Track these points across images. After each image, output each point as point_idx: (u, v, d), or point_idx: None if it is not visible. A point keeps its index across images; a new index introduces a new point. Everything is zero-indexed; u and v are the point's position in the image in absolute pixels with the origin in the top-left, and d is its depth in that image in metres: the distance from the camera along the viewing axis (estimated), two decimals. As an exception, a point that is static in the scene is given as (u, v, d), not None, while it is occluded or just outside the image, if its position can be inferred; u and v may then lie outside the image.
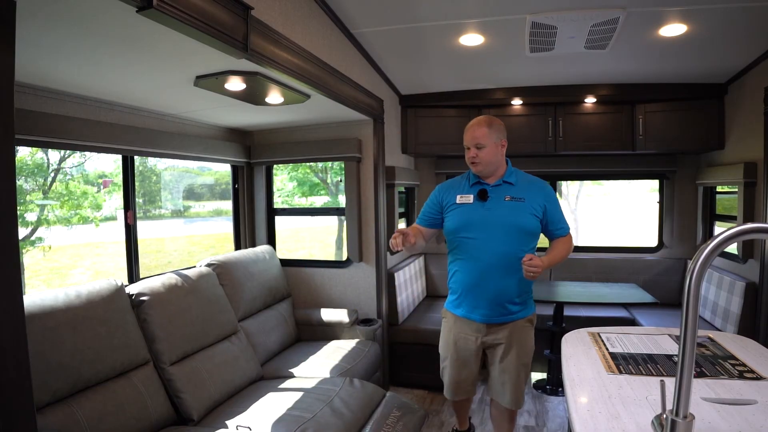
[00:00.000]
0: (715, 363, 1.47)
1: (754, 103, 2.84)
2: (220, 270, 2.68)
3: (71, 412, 1.63)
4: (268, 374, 2.59)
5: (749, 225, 0.84)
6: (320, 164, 5.48)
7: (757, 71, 2.83)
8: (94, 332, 1.79)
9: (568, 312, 3.38)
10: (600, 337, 1.74)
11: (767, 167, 2.68)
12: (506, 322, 2.02)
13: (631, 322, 3.36)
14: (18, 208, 1.01)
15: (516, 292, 2.00)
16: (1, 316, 0.95)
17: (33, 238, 2.96)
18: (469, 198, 2.03)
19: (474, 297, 2.03)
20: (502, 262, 1.96)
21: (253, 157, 3.44)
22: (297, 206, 5.54)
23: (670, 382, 0.94)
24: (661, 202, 3.99)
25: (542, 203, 2.01)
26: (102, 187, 2.42)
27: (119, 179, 2.59)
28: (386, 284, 3.27)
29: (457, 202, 2.05)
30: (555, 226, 2.05)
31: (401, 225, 3.90)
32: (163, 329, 2.09)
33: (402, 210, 3.92)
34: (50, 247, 3.05)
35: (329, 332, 3.13)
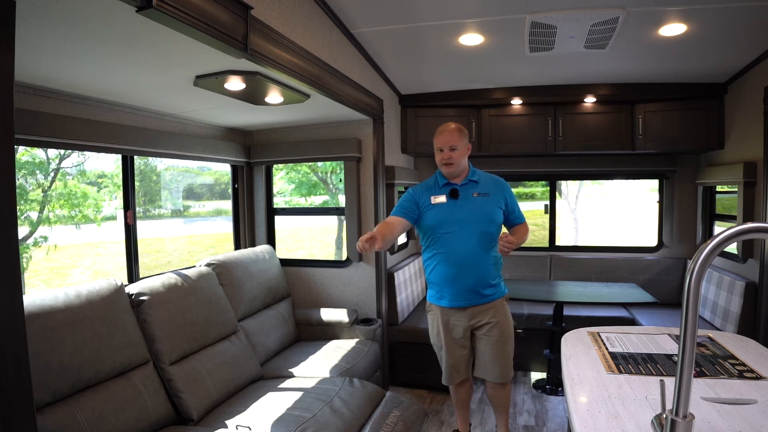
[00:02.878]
0: (714, 363, 1.47)
1: (753, 103, 2.84)
2: (220, 270, 2.68)
3: (71, 412, 1.63)
4: (267, 374, 2.59)
5: (749, 225, 0.84)
6: (320, 164, 5.47)
7: (757, 71, 2.83)
8: (94, 332, 1.79)
9: (567, 312, 3.38)
10: (600, 336, 1.74)
11: (767, 167, 2.68)
12: (487, 302, 2.26)
13: (631, 322, 3.36)
14: (18, 207, 1.01)
15: (492, 275, 2.26)
16: (1, 316, 0.95)
17: (36, 237, 2.95)
18: (442, 198, 2.26)
19: (456, 285, 2.23)
20: (477, 250, 2.20)
21: (252, 156, 3.44)
22: (297, 206, 5.54)
23: (670, 382, 0.94)
24: (660, 202, 3.99)
25: (503, 197, 2.29)
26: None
27: (119, 179, 2.59)
28: (386, 284, 3.27)
29: (432, 202, 2.26)
30: (515, 215, 2.33)
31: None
32: (162, 329, 2.09)
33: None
34: (56, 247, 3.05)
35: (329, 332, 3.13)
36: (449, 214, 2.22)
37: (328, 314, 3.13)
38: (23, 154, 2.68)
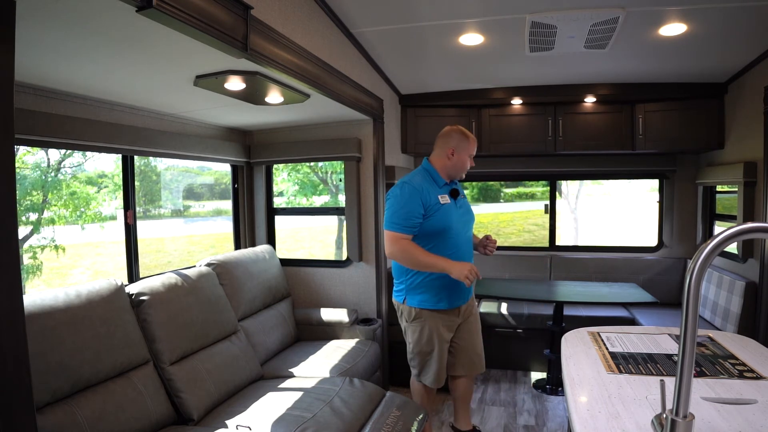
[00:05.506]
0: (715, 362, 1.47)
1: (754, 103, 2.84)
2: (220, 270, 2.68)
3: (71, 412, 1.63)
4: (268, 374, 2.59)
5: (749, 225, 0.84)
6: (321, 164, 5.46)
7: (757, 71, 2.83)
8: (94, 332, 1.79)
9: (568, 312, 3.38)
10: (600, 336, 1.74)
11: (767, 167, 2.68)
12: (471, 296, 2.41)
13: (631, 322, 3.36)
14: (18, 207, 1.01)
15: None
16: (1, 316, 0.95)
17: (40, 238, 2.96)
18: (446, 198, 2.26)
19: (457, 286, 2.24)
20: (470, 250, 2.34)
21: (252, 156, 3.44)
22: (297, 206, 5.53)
23: (670, 382, 0.94)
24: (660, 202, 3.99)
25: None
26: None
27: (119, 179, 2.59)
28: (386, 284, 3.26)
29: (441, 202, 2.23)
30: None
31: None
32: (162, 329, 2.09)
33: (402, 210, 3.92)
34: (64, 249, 3.05)
35: (329, 332, 3.13)
36: (454, 215, 2.24)
37: (328, 314, 3.13)
38: (25, 154, 2.69)
